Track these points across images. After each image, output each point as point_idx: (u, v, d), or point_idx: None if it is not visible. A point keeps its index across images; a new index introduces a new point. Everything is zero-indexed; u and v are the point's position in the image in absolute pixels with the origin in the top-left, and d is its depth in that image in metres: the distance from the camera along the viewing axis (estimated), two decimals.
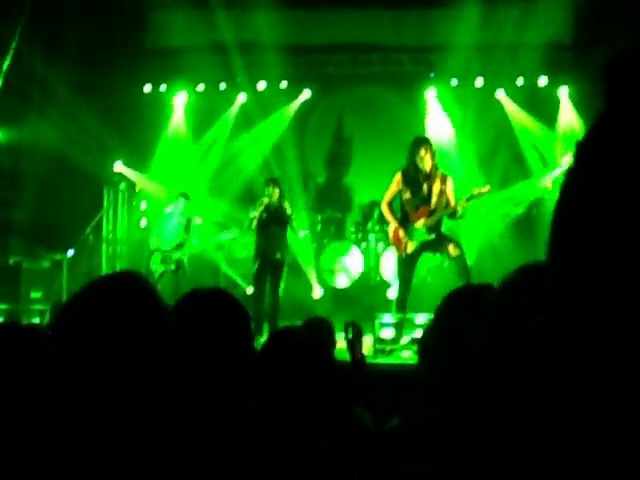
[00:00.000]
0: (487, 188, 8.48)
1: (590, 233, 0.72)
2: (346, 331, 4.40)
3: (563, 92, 12.65)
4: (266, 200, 9.45)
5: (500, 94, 12.99)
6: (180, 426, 1.58)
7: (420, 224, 8.34)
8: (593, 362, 0.72)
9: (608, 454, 0.75)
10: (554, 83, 12.64)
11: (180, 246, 10.65)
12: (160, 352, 1.56)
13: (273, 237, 9.53)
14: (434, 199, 8.35)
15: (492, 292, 1.66)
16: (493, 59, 12.52)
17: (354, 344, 4.44)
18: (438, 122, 13.12)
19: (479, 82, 12.92)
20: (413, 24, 12.44)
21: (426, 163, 8.29)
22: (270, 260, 9.51)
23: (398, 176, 8.51)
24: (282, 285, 9.61)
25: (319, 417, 2.68)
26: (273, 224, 9.51)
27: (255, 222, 9.50)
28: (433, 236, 8.38)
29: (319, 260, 12.32)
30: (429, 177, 8.34)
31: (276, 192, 9.53)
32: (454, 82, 13.02)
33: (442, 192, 8.34)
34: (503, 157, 12.81)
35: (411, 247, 8.37)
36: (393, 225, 8.58)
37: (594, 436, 0.76)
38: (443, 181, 8.38)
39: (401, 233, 8.42)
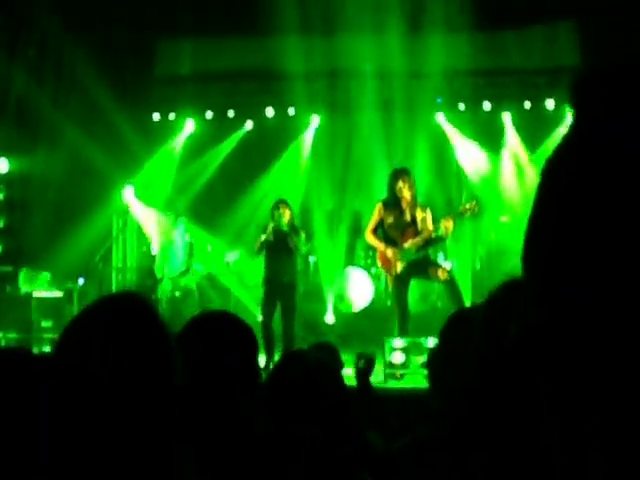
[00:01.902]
0: (474, 203, 8.56)
1: (566, 229, 0.73)
2: (358, 361, 4.39)
3: (570, 115, 12.65)
4: (274, 223, 9.37)
5: (506, 118, 13.07)
6: (183, 438, 1.59)
7: (408, 245, 8.42)
8: (574, 351, 0.72)
9: (601, 446, 0.76)
10: (560, 106, 12.66)
11: (186, 272, 10.70)
12: (158, 371, 1.57)
13: (282, 261, 9.39)
14: (419, 224, 8.45)
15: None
16: (500, 83, 12.59)
17: (364, 373, 4.42)
18: (465, 146, 13.21)
19: (487, 106, 12.98)
20: (419, 49, 12.46)
21: (405, 193, 8.44)
22: (278, 284, 9.37)
23: (379, 206, 8.69)
24: (295, 310, 9.49)
25: (330, 440, 2.68)
26: (282, 247, 9.36)
27: (263, 245, 9.44)
28: (422, 254, 8.46)
29: (329, 285, 12.34)
30: (410, 205, 8.46)
31: (287, 214, 9.39)
32: (462, 107, 13.10)
33: (424, 219, 8.46)
34: None
35: (400, 266, 8.42)
36: (380, 248, 8.64)
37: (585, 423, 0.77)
38: (423, 210, 8.52)
39: (389, 253, 8.47)
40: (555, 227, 0.75)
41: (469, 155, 13.22)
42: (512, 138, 13.14)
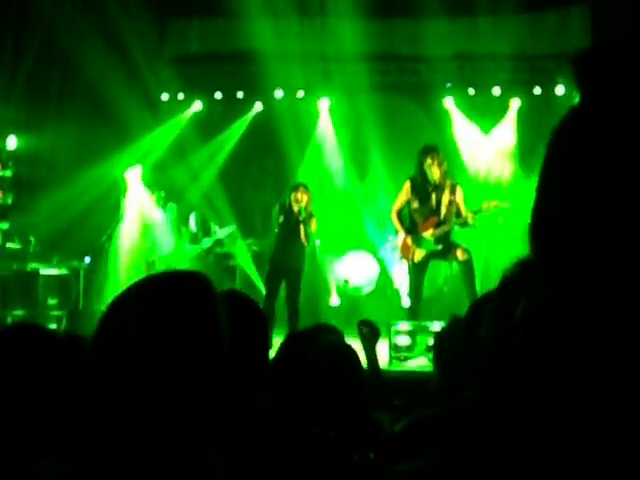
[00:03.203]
0: (495, 203, 8.51)
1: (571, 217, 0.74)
2: (361, 328, 4.47)
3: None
4: (295, 207, 9.34)
5: (515, 103, 13.00)
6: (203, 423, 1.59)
7: (428, 234, 8.37)
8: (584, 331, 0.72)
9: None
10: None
11: (174, 253, 10.69)
12: (211, 356, 1.56)
13: (290, 244, 9.37)
14: (443, 210, 8.35)
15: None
16: (510, 68, 12.53)
17: (368, 342, 4.49)
18: (466, 130, 13.15)
19: (496, 91, 12.92)
20: (429, 33, 12.42)
21: (434, 172, 8.28)
22: (283, 267, 9.39)
23: (407, 184, 8.53)
24: (299, 293, 9.48)
25: (335, 416, 2.69)
26: (293, 231, 9.33)
27: (278, 226, 9.46)
28: (440, 246, 8.40)
29: (335, 268, 12.34)
30: (438, 187, 8.34)
31: (304, 199, 9.32)
32: (471, 91, 13.04)
33: (451, 202, 8.34)
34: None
35: (419, 255, 8.39)
36: (401, 234, 8.60)
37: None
38: (452, 191, 8.37)
39: (409, 241, 8.44)
40: (561, 201, 0.75)
41: (469, 141, 13.16)
42: (508, 124, 13.07)
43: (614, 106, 0.75)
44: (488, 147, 13.08)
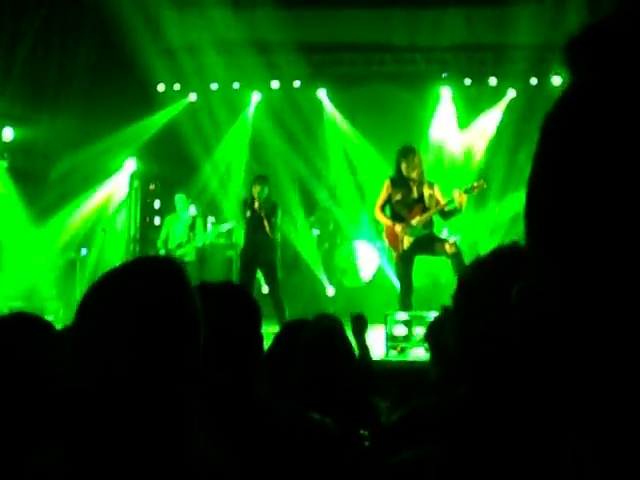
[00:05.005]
0: (482, 182, 8.61)
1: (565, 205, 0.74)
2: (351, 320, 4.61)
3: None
4: (257, 202, 9.44)
5: (510, 93, 13.02)
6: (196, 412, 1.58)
7: (415, 221, 8.45)
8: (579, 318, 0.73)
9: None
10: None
11: (183, 244, 10.67)
12: (186, 338, 1.55)
13: (258, 237, 9.50)
14: (426, 200, 8.48)
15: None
16: (506, 59, 12.52)
17: (356, 333, 4.60)
18: (445, 122, 13.17)
19: (492, 81, 12.92)
20: (426, 23, 12.41)
21: (411, 171, 8.43)
22: (254, 260, 9.53)
23: (387, 182, 8.71)
24: (277, 285, 9.58)
25: (330, 400, 2.69)
26: (260, 224, 9.47)
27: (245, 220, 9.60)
28: (427, 231, 8.50)
29: (332, 259, 12.33)
30: (417, 183, 8.48)
31: (265, 191, 9.49)
32: (467, 82, 13.04)
33: (431, 195, 8.49)
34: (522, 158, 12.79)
35: (407, 242, 8.47)
36: (388, 224, 8.67)
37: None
38: (430, 187, 8.53)
39: (397, 228, 8.51)
40: (555, 185, 0.75)
41: (448, 130, 13.19)
42: (495, 113, 13.10)
43: (611, 86, 0.75)
44: (470, 135, 13.13)
